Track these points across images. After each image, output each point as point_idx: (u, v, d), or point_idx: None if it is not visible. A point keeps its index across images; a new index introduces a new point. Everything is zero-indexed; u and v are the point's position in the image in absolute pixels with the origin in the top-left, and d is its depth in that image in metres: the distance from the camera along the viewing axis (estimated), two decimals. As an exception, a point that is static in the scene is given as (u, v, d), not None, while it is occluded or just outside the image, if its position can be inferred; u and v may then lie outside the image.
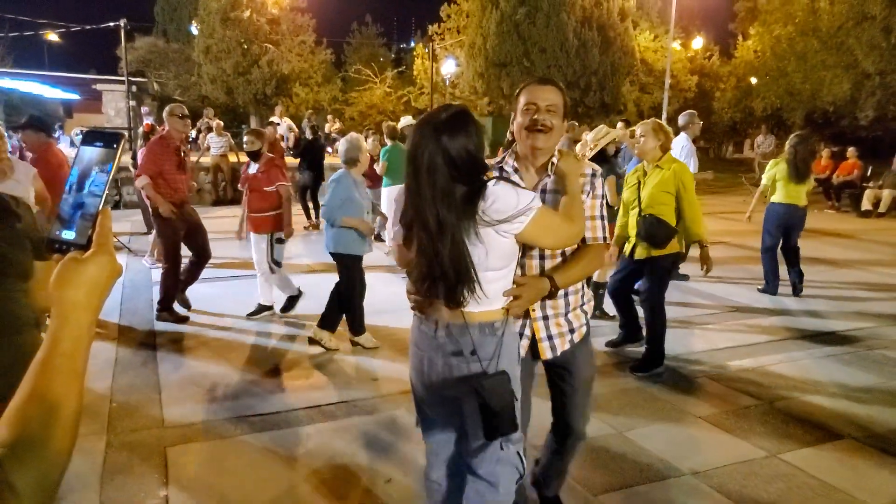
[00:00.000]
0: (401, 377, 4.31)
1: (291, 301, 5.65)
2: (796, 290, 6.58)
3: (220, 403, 3.90)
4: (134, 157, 11.53)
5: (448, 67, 28.09)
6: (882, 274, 7.66)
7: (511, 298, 2.03)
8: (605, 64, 20.58)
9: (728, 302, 6.29)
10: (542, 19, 19.75)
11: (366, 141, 6.70)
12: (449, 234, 1.85)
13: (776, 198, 6.58)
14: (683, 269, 6.83)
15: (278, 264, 5.52)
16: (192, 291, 5.77)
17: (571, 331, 2.35)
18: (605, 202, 2.34)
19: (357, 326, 4.83)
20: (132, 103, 23.50)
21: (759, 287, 6.72)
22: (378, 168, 8.22)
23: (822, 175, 14.95)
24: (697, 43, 31.64)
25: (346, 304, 4.78)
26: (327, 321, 4.77)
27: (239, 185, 5.94)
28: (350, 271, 4.73)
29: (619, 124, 8.35)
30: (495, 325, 1.99)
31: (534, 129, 2.15)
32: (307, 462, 3.22)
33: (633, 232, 4.41)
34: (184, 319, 5.41)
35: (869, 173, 14.41)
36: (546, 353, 2.33)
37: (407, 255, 2.02)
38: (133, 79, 24.67)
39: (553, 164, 2.25)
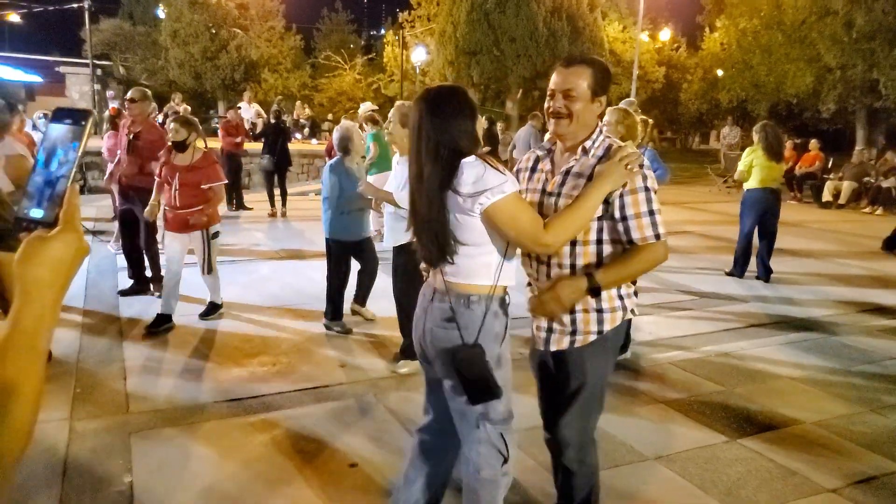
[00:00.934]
0: (368, 363, 4.32)
1: (214, 308, 5.17)
2: (768, 274, 6.80)
3: (185, 389, 3.86)
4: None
5: (418, 55, 27.97)
6: (842, 263, 7.89)
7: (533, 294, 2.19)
8: (574, 54, 20.69)
9: (692, 290, 6.42)
10: (512, 8, 19.77)
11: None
12: (428, 197, 1.99)
13: (752, 184, 6.81)
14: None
15: (210, 269, 5.06)
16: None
17: (574, 332, 2.17)
18: (652, 195, 2.07)
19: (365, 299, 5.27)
20: (97, 87, 22.91)
21: (727, 270, 6.91)
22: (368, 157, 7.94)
23: (786, 166, 15.28)
24: (665, 35, 32.02)
25: (371, 281, 5.20)
26: (360, 297, 5.16)
27: (157, 174, 5.06)
28: (369, 251, 5.09)
29: None
30: (472, 299, 2.05)
31: (552, 116, 2.14)
32: (273, 447, 3.22)
33: None
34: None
35: (830, 165, 14.78)
36: (540, 344, 2.25)
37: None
38: (98, 62, 24.05)
39: (586, 148, 2.13)
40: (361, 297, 5.25)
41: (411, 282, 3.90)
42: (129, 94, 5.63)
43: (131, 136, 5.55)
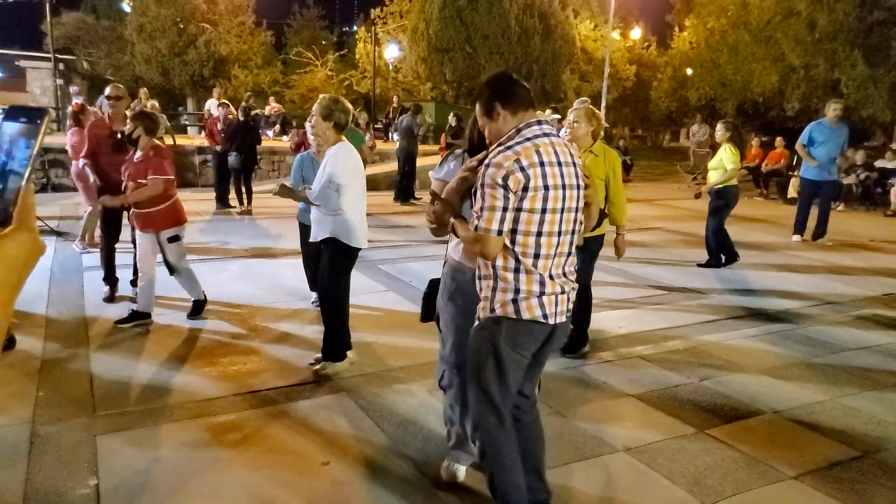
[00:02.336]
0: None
1: (198, 306, 5.08)
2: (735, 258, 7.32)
3: (154, 390, 3.80)
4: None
5: (391, 52, 27.86)
6: (805, 258, 8.08)
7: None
8: (546, 52, 20.84)
9: (661, 284, 6.51)
10: (485, 6, 19.83)
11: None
12: None
13: (734, 181, 7.23)
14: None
15: (171, 270, 4.96)
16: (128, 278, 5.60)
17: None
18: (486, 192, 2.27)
19: None
20: (59, 82, 22.39)
21: (701, 262, 7.28)
22: None
23: (752, 164, 15.58)
24: (636, 33, 32.38)
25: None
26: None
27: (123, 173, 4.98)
28: None
29: (548, 111, 8.50)
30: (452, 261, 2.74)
31: None
32: (243, 448, 3.19)
33: None
34: None
35: (795, 162, 15.09)
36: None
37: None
38: (60, 56, 23.50)
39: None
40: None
41: (343, 276, 4.00)
42: (109, 91, 5.43)
43: (118, 135, 5.19)
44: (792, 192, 13.94)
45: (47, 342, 4.48)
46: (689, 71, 26.03)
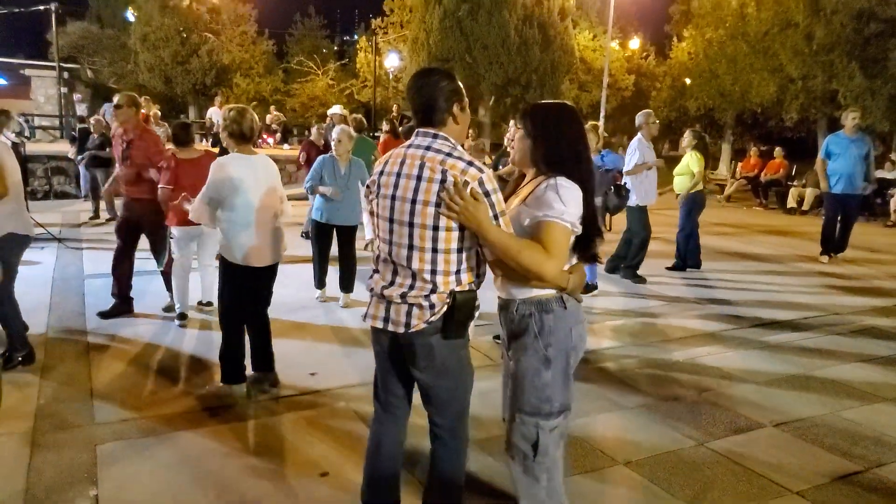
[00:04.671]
0: (339, 372, 4.30)
1: (179, 314, 5.19)
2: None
3: (154, 399, 3.80)
4: (75, 143, 11.01)
5: (391, 61, 27.95)
6: (805, 268, 8.09)
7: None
8: (545, 62, 20.91)
9: (660, 294, 6.52)
10: (485, 16, 19.90)
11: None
12: None
13: (701, 186, 7.49)
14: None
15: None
16: (134, 285, 5.61)
17: None
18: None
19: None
20: (63, 90, 22.49)
21: (669, 265, 7.61)
22: None
23: (751, 173, 15.63)
24: (634, 43, 32.51)
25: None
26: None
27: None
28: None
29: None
30: None
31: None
32: (244, 457, 3.19)
33: None
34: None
35: (794, 172, 15.15)
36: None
37: None
38: (64, 64, 23.61)
39: None
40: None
41: (224, 293, 3.86)
42: (114, 100, 5.39)
43: (125, 145, 5.24)
44: (791, 202, 14.00)
45: (48, 350, 4.48)
46: (688, 81, 26.10)
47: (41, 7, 22.94)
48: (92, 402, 3.74)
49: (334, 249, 5.90)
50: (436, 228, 2.16)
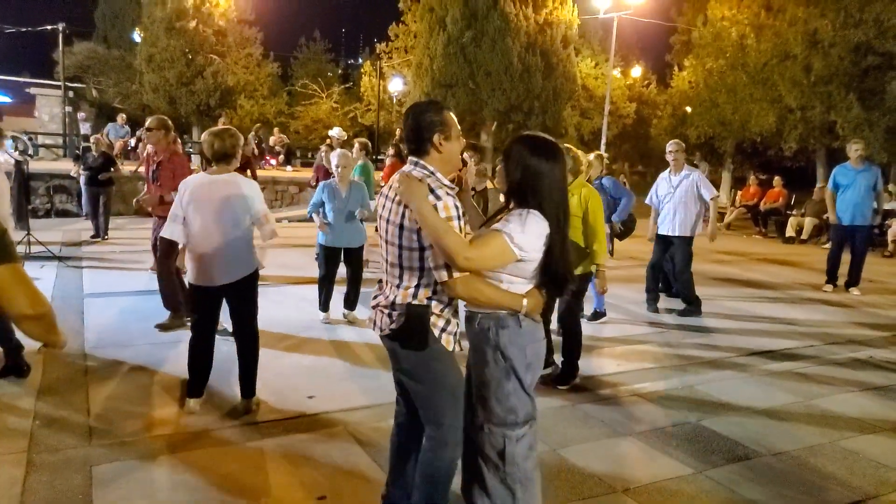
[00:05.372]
0: (338, 394, 4.29)
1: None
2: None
3: (151, 421, 3.79)
4: (78, 161, 11.07)
5: (395, 86, 28.26)
6: (805, 297, 8.09)
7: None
8: (547, 89, 21.11)
9: (660, 321, 6.52)
10: (488, 43, 20.15)
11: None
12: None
13: None
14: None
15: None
16: (132, 303, 5.62)
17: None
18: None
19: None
20: (68, 109, 22.68)
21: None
22: None
23: (751, 202, 15.71)
24: (636, 71, 32.91)
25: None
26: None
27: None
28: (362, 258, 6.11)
29: None
30: None
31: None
32: (240, 480, 3.17)
33: None
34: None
35: (793, 201, 15.22)
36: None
37: None
38: (70, 84, 23.85)
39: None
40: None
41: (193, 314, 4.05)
42: (147, 123, 5.58)
43: (155, 166, 5.51)
44: (790, 231, 14.05)
45: (45, 369, 4.48)
46: (689, 109, 26.34)
47: (49, 27, 23.25)
48: (88, 422, 3.73)
49: (342, 271, 5.97)
50: (402, 247, 2.40)
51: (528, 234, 2.29)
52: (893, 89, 15.27)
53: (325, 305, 5.95)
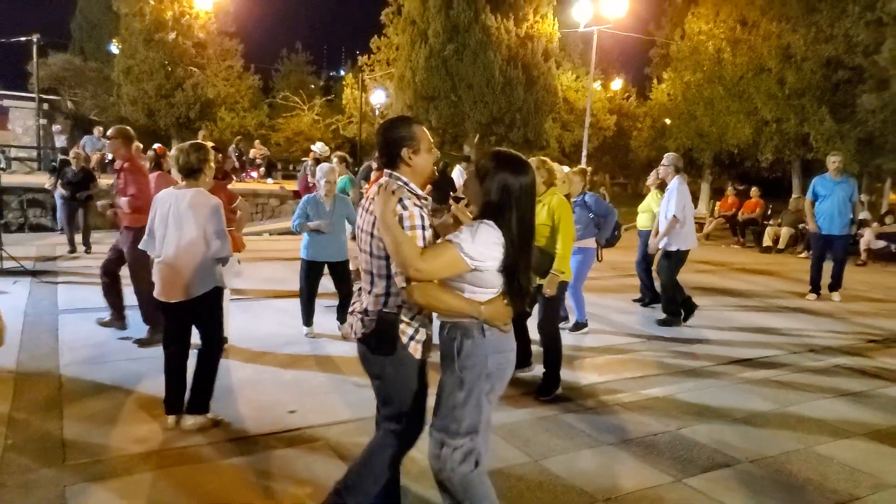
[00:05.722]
0: (319, 408, 4.26)
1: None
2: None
3: (127, 438, 3.73)
4: (55, 174, 10.89)
5: (377, 98, 28.32)
6: (780, 305, 8.21)
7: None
8: (528, 101, 21.27)
9: (641, 332, 6.57)
10: (470, 56, 20.28)
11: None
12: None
13: (650, 224, 7.55)
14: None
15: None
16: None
17: None
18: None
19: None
20: (43, 121, 22.40)
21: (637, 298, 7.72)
22: None
23: (729, 212, 15.92)
24: (616, 84, 33.33)
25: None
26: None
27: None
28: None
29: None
30: None
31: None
32: (219, 497, 3.13)
33: None
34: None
35: (769, 211, 15.45)
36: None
37: None
38: (45, 96, 23.56)
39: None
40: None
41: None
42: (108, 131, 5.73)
43: (117, 175, 5.64)
44: (767, 240, 14.24)
45: (17, 387, 4.39)
46: (668, 121, 26.71)
47: (23, 38, 23.00)
48: (62, 441, 3.66)
49: (327, 285, 5.95)
50: (372, 255, 2.52)
51: (478, 244, 2.32)
52: (863, 102, 15.61)
53: (307, 320, 5.90)
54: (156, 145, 10.47)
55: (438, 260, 2.32)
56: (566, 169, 6.23)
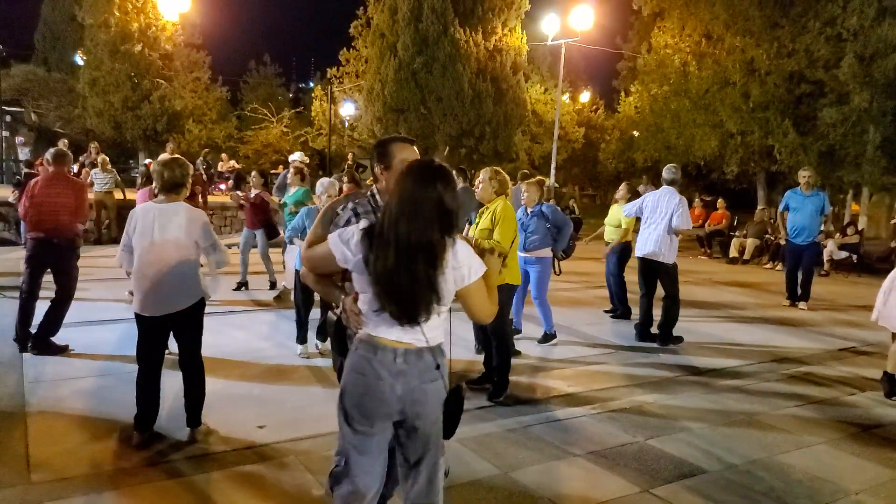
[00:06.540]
0: (289, 423, 4.23)
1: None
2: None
3: (94, 455, 3.66)
4: (18, 187, 10.66)
5: (347, 110, 28.29)
6: (747, 315, 8.39)
7: None
8: (498, 114, 21.46)
9: (609, 342, 6.65)
10: (439, 69, 20.41)
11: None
12: (422, 262, 2.16)
13: (629, 237, 7.63)
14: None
15: None
16: (70, 334, 5.44)
17: None
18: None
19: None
20: (5, 133, 21.92)
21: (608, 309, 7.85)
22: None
23: (696, 224, 16.22)
24: (585, 97, 33.78)
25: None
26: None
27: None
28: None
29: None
30: (442, 347, 2.35)
31: None
32: (188, 517, 3.10)
33: None
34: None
35: (735, 223, 15.78)
36: None
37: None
38: (7, 108, 23.06)
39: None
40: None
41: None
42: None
43: None
44: (733, 251, 14.54)
45: (-20, 406, 4.29)
46: (636, 134, 27.13)
47: (-17, 49, 22.49)
48: (28, 460, 3.58)
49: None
50: None
51: (343, 244, 2.27)
52: (824, 116, 16.07)
53: (302, 337, 5.68)
54: (146, 161, 10.31)
55: (315, 251, 2.45)
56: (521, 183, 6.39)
